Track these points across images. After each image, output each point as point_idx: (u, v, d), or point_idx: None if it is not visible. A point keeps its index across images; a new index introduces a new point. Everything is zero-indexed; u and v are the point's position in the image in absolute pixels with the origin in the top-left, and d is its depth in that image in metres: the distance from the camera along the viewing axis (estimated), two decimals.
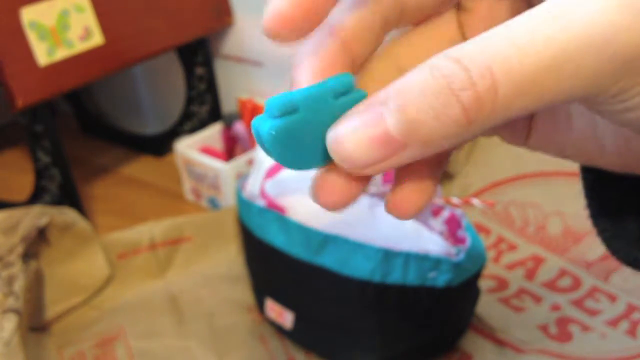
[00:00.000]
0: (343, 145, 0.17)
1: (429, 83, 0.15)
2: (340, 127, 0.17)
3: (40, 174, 0.67)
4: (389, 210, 0.20)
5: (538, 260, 0.59)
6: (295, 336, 0.53)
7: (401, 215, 0.20)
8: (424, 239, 0.45)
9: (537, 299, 0.55)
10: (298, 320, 0.51)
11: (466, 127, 0.15)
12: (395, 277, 0.45)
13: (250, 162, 0.70)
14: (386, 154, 0.16)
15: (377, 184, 0.50)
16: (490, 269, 0.59)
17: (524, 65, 0.15)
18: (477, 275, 0.48)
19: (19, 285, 0.51)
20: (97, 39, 0.64)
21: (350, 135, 0.17)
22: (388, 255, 0.44)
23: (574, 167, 0.23)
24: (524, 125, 0.21)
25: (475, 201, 0.51)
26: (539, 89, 0.15)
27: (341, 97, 0.18)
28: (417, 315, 0.47)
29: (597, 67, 0.15)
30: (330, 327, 0.50)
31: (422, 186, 0.20)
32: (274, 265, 0.51)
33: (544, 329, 0.52)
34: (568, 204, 0.65)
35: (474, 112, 0.15)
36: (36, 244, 0.56)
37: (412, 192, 0.20)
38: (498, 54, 0.15)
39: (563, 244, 0.61)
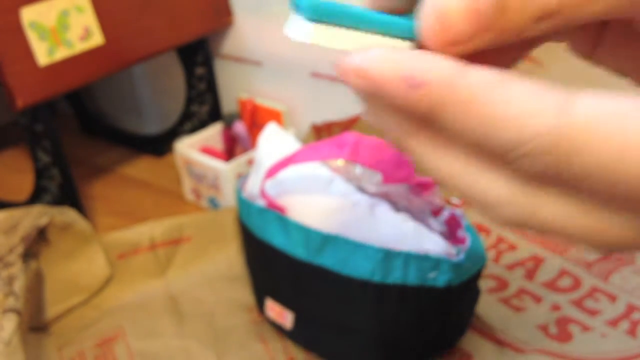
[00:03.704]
0: (445, 15, 0.16)
1: None
2: None
3: (40, 174, 0.67)
4: None
5: (538, 260, 0.59)
6: (295, 336, 0.53)
7: None
8: (424, 239, 0.45)
9: (537, 299, 0.55)
10: (298, 320, 0.51)
11: (536, 23, 0.16)
12: (395, 277, 0.45)
13: (250, 162, 0.70)
14: (474, 31, 0.16)
15: (377, 183, 0.50)
16: (490, 269, 0.59)
17: None
18: (477, 275, 0.48)
19: (19, 285, 0.51)
20: (97, 39, 0.64)
21: (452, 4, 0.16)
22: (388, 255, 0.44)
23: None
24: (593, 34, 0.21)
25: None
26: None
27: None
28: (417, 315, 0.47)
29: None
30: (330, 327, 0.50)
31: None
32: (274, 265, 0.51)
33: (544, 329, 0.52)
34: None
35: (547, 10, 0.16)
36: (36, 244, 0.56)
37: None
38: None
39: (563, 244, 0.61)
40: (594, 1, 0.16)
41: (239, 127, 0.75)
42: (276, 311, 0.53)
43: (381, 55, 0.16)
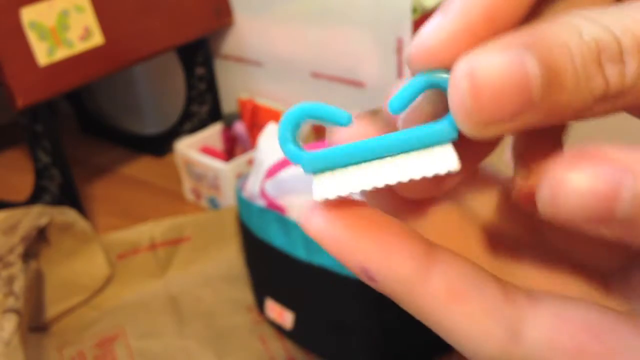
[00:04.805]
0: (480, 81, 0.12)
1: (580, 46, 0.12)
2: (479, 58, 0.13)
3: (40, 174, 0.67)
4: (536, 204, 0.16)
5: None
6: (295, 336, 0.53)
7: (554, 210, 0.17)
8: None
9: None
10: (298, 320, 0.51)
11: (597, 104, 0.13)
12: None
13: (250, 162, 0.70)
14: (516, 109, 0.13)
15: None
16: None
17: None
18: None
19: (19, 285, 0.51)
20: (97, 39, 0.64)
21: (490, 71, 0.12)
22: None
23: None
24: None
25: None
26: None
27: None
28: None
29: None
30: (330, 327, 0.50)
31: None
32: (274, 265, 0.51)
33: None
34: None
35: (613, 90, 0.13)
36: (36, 244, 0.56)
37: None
38: None
39: None
40: None
41: (239, 127, 0.75)
42: (276, 311, 0.53)
43: (330, 226, 0.15)
